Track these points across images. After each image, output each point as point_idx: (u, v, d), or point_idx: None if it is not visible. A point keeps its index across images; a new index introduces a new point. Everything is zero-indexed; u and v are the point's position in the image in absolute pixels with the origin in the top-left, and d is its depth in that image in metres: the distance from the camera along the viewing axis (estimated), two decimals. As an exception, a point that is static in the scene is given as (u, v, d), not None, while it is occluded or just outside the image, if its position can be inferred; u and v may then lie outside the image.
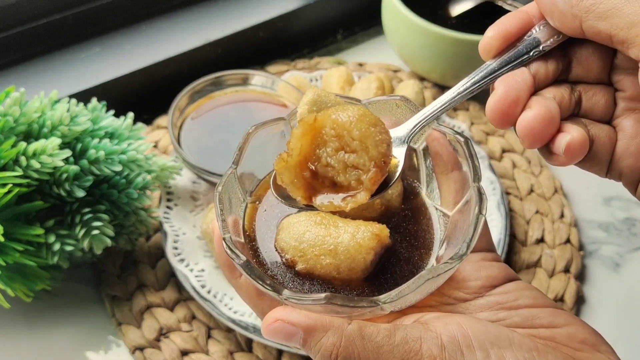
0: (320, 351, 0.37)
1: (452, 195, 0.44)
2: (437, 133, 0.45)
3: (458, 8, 0.96)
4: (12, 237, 0.63)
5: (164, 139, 0.90)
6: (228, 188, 0.43)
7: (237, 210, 0.44)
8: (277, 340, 0.38)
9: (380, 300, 0.36)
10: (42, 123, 0.65)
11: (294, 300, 0.37)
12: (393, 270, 0.42)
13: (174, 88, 0.83)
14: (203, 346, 0.71)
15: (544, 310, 0.41)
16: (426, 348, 0.36)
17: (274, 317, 0.38)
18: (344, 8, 1.09)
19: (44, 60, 0.91)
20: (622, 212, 0.86)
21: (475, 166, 0.41)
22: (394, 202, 0.46)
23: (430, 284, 0.37)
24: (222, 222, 0.40)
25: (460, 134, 0.43)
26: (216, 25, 0.97)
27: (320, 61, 1.03)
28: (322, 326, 0.37)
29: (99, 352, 0.71)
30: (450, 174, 0.44)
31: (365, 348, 0.37)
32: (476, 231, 0.38)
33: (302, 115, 0.44)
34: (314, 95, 0.45)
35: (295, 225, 0.43)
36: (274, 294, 0.37)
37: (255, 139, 0.45)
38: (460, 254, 0.38)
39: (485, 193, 0.40)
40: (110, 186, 0.68)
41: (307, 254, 0.41)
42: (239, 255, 0.38)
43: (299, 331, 0.37)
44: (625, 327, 0.75)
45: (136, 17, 0.97)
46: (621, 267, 0.81)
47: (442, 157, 0.45)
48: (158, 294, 0.74)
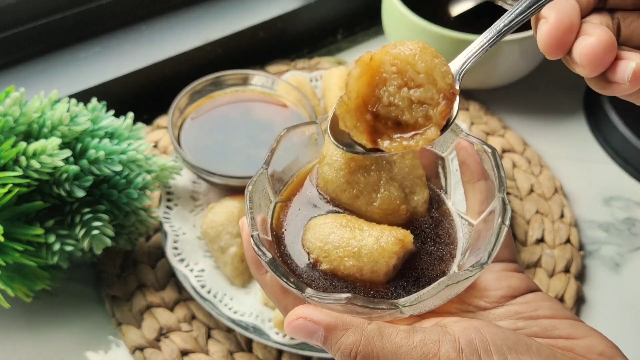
0: (340, 349, 0.38)
1: (477, 205, 0.44)
2: (465, 142, 0.45)
3: (458, 8, 0.96)
4: (12, 237, 0.63)
5: (163, 139, 0.90)
6: (258, 187, 0.43)
7: (266, 209, 0.45)
8: (298, 337, 0.39)
9: (400, 304, 0.37)
10: (42, 123, 0.66)
11: (316, 299, 0.38)
12: (415, 275, 0.43)
13: (174, 88, 0.83)
14: (203, 346, 0.71)
15: (563, 322, 0.41)
16: (444, 351, 0.37)
17: (296, 315, 0.39)
18: (344, 8, 1.08)
19: (44, 60, 0.91)
20: (622, 212, 0.86)
21: (501, 177, 0.42)
22: (420, 208, 0.46)
23: (449, 290, 0.38)
24: (252, 219, 0.41)
25: (487, 145, 0.44)
26: (216, 25, 0.97)
27: (321, 61, 1.03)
28: (342, 325, 0.38)
29: (98, 352, 0.71)
30: (477, 184, 0.45)
31: (384, 347, 0.37)
32: (498, 241, 0.39)
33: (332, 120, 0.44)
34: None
35: (322, 226, 0.43)
36: (297, 292, 0.38)
37: (286, 141, 0.46)
38: (481, 263, 0.38)
39: (509, 204, 0.41)
40: (110, 186, 0.68)
41: (332, 254, 0.42)
42: (266, 252, 0.39)
43: (320, 329, 0.38)
44: (625, 327, 0.75)
45: (136, 17, 0.97)
46: (621, 267, 0.81)
47: (469, 167, 0.45)
48: (158, 294, 0.74)
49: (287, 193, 0.47)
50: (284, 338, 0.67)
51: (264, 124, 0.81)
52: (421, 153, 0.48)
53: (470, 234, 0.45)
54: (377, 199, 0.45)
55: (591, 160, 0.93)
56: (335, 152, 0.45)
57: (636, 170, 0.89)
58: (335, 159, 0.45)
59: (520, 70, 0.93)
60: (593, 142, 0.95)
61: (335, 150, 0.45)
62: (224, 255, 0.72)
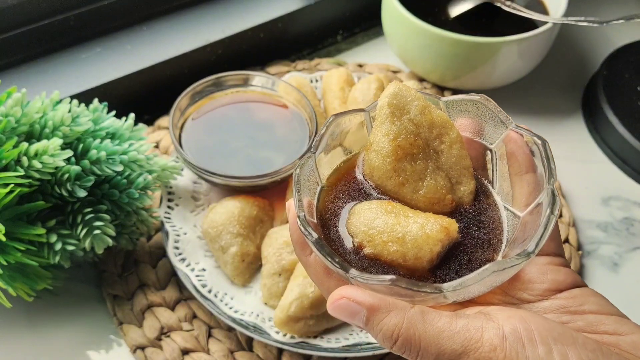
0: (382, 330, 0.38)
1: (524, 197, 0.44)
2: (514, 134, 0.45)
3: (457, 9, 0.96)
4: (13, 236, 0.63)
5: (165, 140, 0.91)
6: (305, 171, 0.44)
7: (312, 193, 0.45)
8: (340, 317, 0.39)
9: (444, 288, 0.37)
10: (43, 123, 0.66)
11: (360, 280, 0.38)
12: (459, 263, 0.43)
13: (175, 89, 0.84)
14: (204, 345, 0.71)
15: (609, 318, 0.40)
16: (487, 337, 0.36)
17: (339, 295, 0.39)
18: (344, 9, 1.09)
19: (45, 61, 0.91)
20: (620, 212, 0.86)
21: (551, 168, 0.42)
22: (466, 199, 0.47)
23: (494, 277, 0.37)
24: (299, 201, 0.41)
25: (537, 136, 0.43)
26: (217, 26, 0.98)
27: (321, 62, 1.04)
28: (385, 307, 0.38)
29: (100, 352, 0.71)
30: (524, 176, 0.44)
31: (426, 331, 0.37)
32: (547, 231, 0.39)
33: (382, 107, 0.45)
34: (395, 88, 0.45)
35: (367, 211, 0.44)
36: (342, 272, 0.38)
37: (334, 127, 0.46)
38: (528, 252, 0.38)
39: (558, 195, 0.40)
40: (112, 186, 0.68)
41: (375, 239, 0.42)
42: (312, 232, 0.39)
43: (362, 310, 0.38)
44: (623, 326, 0.75)
45: (137, 19, 0.97)
46: (620, 267, 0.81)
47: (517, 159, 0.44)
48: (159, 294, 0.75)
49: (334, 178, 0.47)
50: (284, 337, 0.67)
51: (264, 124, 0.81)
52: (469, 144, 0.48)
53: (516, 226, 0.44)
54: (423, 187, 0.45)
55: (590, 161, 0.93)
56: (382, 140, 0.45)
57: (634, 170, 0.90)
58: (382, 146, 0.45)
59: (519, 71, 0.94)
60: (591, 143, 0.95)
61: (382, 137, 0.45)
62: (225, 254, 0.72)
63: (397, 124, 0.45)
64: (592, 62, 1.06)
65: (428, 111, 0.46)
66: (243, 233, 0.73)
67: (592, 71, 1.04)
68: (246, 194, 0.77)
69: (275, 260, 0.71)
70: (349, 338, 0.68)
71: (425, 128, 0.46)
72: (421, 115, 0.46)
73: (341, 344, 0.67)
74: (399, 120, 0.45)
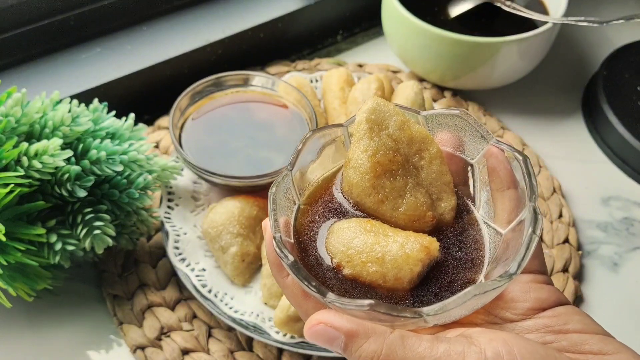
0: (361, 357, 0.37)
1: (506, 214, 0.43)
2: (495, 149, 0.44)
3: (457, 9, 0.96)
4: (13, 236, 0.63)
5: (165, 140, 0.91)
6: (281, 189, 0.43)
7: (289, 211, 0.44)
8: (318, 343, 0.38)
9: (424, 312, 0.36)
10: (43, 123, 0.66)
11: (337, 304, 0.37)
12: (440, 285, 0.42)
13: (175, 89, 0.84)
14: (204, 345, 0.71)
15: (594, 337, 0.40)
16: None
17: (317, 320, 0.38)
18: (344, 9, 1.09)
19: (45, 61, 0.91)
20: (620, 212, 0.86)
21: (533, 185, 0.41)
22: (447, 215, 0.46)
23: (476, 300, 0.36)
24: (274, 221, 0.40)
25: (518, 152, 0.43)
26: (217, 26, 0.98)
27: (321, 62, 1.04)
28: (364, 332, 0.37)
29: (100, 351, 0.71)
30: (506, 192, 0.43)
31: (406, 357, 0.36)
32: (528, 251, 0.38)
33: (360, 122, 0.44)
34: (373, 103, 0.45)
35: (345, 230, 0.43)
36: (319, 296, 0.37)
37: (311, 143, 0.45)
38: (510, 273, 0.37)
39: (541, 213, 0.40)
40: (112, 186, 0.68)
41: (354, 260, 0.41)
42: (288, 255, 0.38)
43: (340, 336, 0.37)
44: (623, 326, 0.75)
45: (137, 19, 0.97)
46: (620, 267, 0.81)
47: (499, 174, 0.44)
48: (159, 294, 0.75)
49: (311, 196, 0.46)
50: (284, 337, 0.67)
51: (264, 124, 0.81)
52: (450, 159, 0.47)
53: (498, 243, 0.43)
54: (402, 205, 0.44)
55: (589, 161, 0.93)
56: (361, 156, 0.44)
57: (634, 170, 0.90)
58: (360, 163, 0.44)
59: (519, 71, 0.94)
60: (591, 143, 0.95)
61: (361, 153, 0.44)
62: (225, 254, 0.72)
63: (375, 139, 0.44)
64: (592, 62, 1.06)
65: (407, 126, 0.45)
66: (243, 233, 0.73)
67: (592, 71, 1.04)
68: (246, 194, 0.77)
69: (275, 260, 0.71)
70: (349, 338, 0.68)
71: (404, 143, 0.45)
72: (400, 131, 0.45)
73: (341, 344, 0.67)
74: (377, 136, 0.44)
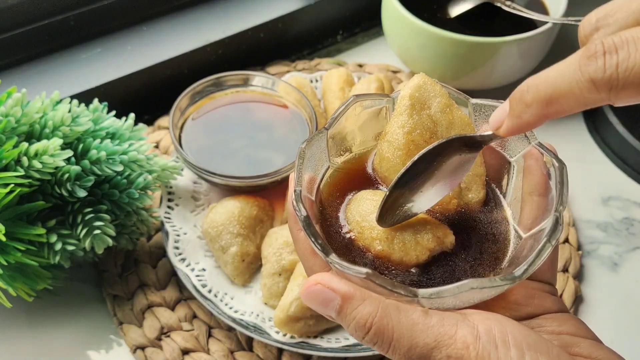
0: (355, 319, 0.37)
1: (530, 219, 0.43)
2: (536, 151, 0.43)
3: (457, 9, 0.96)
4: (13, 236, 0.63)
5: (165, 140, 0.91)
6: (313, 147, 0.43)
7: (317, 170, 0.44)
8: (313, 305, 0.38)
9: (418, 293, 0.36)
10: (43, 123, 0.66)
11: (337, 266, 0.37)
12: (451, 271, 0.42)
13: (175, 89, 0.84)
14: (204, 345, 0.71)
15: (585, 341, 0.40)
16: (461, 334, 0.36)
17: (315, 280, 0.38)
18: (344, 9, 1.09)
19: (45, 61, 0.91)
20: (620, 212, 0.86)
21: (563, 195, 0.40)
22: (473, 207, 0.45)
23: (472, 294, 0.36)
24: (298, 176, 0.40)
25: (558, 159, 0.42)
26: (217, 26, 0.98)
27: (321, 62, 1.04)
28: (360, 295, 0.37)
29: (100, 351, 0.71)
30: (536, 197, 0.43)
31: (400, 322, 0.36)
32: (538, 258, 0.37)
33: (403, 98, 0.44)
34: (419, 80, 0.44)
35: (366, 202, 0.42)
36: (322, 255, 0.37)
37: (353, 110, 0.44)
38: (515, 276, 0.36)
39: (562, 224, 0.39)
40: (112, 186, 0.68)
41: (365, 233, 0.41)
42: (302, 209, 0.39)
43: (336, 297, 0.37)
44: (623, 326, 0.75)
45: (137, 19, 0.97)
46: (619, 267, 0.81)
47: (534, 178, 0.43)
48: (159, 294, 0.75)
49: (346, 162, 0.46)
50: (284, 337, 0.67)
51: (264, 124, 0.81)
52: (490, 153, 0.46)
53: (516, 245, 0.43)
54: None
55: (589, 161, 0.93)
56: (397, 131, 0.44)
57: (634, 170, 0.90)
58: (395, 138, 0.43)
59: (519, 71, 0.94)
60: (591, 143, 0.95)
61: (397, 129, 0.44)
62: (225, 254, 0.72)
63: (414, 117, 0.43)
64: (592, 62, 1.06)
65: (450, 110, 0.44)
66: (243, 233, 0.73)
67: (592, 71, 1.04)
68: (246, 194, 0.77)
69: (275, 260, 0.71)
70: (349, 338, 0.69)
71: (443, 127, 0.44)
72: (441, 113, 0.44)
73: (341, 344, 0.67)
74: (417, 115, 0.44)
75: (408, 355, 0.36)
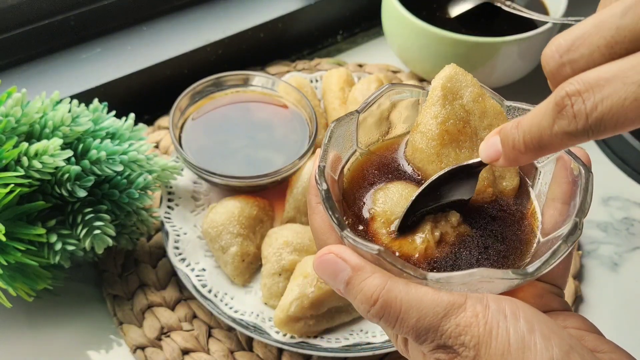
0: (362, 290, 0.37)
1: (551, 224, 0.43)
2: (565, 157, 0.42)
3: (457, 9, 0.96)
4: (13, 236, 0.63)
5: (165, 140, 0.91)
6: (342, 127, 0.43)
7: (344, 152, 0.44)
8: (324, 274, 0.39)
9: (427, 276, 0.36)
10: (43, 123, 0.66)
11: (351, 240, 0.37)
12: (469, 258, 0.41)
13: (175, 89, 0.84)
14: (204, 345, 0.71)
15: (590, 335, 0.40)
16: (470, 303, 0.36)
17: (328, 249, 0.39)
18: (344, 9, 1.09)
19: (45, 61, 0.91)
20: (620, 212, 0.86)
21: (586, 202, 0.40)
22: (507, 194, 0.45)
23: (481, 284, 0.36)
24: (324, 152, 0.41)
25: (585, 166, 0.41)
26: (217, 26, 0.98)
27: (321, 62, 1.04)
28: (370, 268, 0.38)
29: (100, 351, 0.71)
30: (558, 205, 0.43)
31: (408, 294, 0.36)
32: (553, 257, 0.37)
33: (435, 88, 0.44)
34: (451, 71, 0.44)
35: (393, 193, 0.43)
36: (338, 228, 0.38)
37: (385, 98, 0.45)
38: (527, 272, 0.36)
39: (581, 229, 0.39)
40: (112, 186, 0.68)
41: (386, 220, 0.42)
42: (323, 183, 0.39)
43: (347, 268, 0.38)
44: (623, 326, 0.75)
45: (137, 19, 0.97)
46: (620, 267, 0.81)
47: (560, 185, 0.43)
48: (159, 294, 0.75)
49: (375, 149, 0.46)
50: (284, 337, 0.67)
51: (264, 124, 0.81)
52: None
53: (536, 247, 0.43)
54: None
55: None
56: (430, 122, 0.44)
57: (634, 170, 0.90)
58: (429, 129, 0.44)
59: (519, 71, 0.94)
60: (591, 143, 0.95)
61: (431, 119, 0.44)
62: (225, 254, 0.72)
63: (447, 107, 0.43)
64: (592, 62, 1.06)
65: (482, 99, 0.44)
66: (243, 233, 0.73)
67: (592, 71, 1.04)
68: (246, 194, 0.77)
69: (275, 260, 0.71)
70: (349, 338, 0.69)
71: (476, 116, 0.44)
72: (474, 103, 0.44)
73: (341, 344, 0.67)
74: (450, 105, 0.44)
75: (416, 327, 0.36)
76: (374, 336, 0.68)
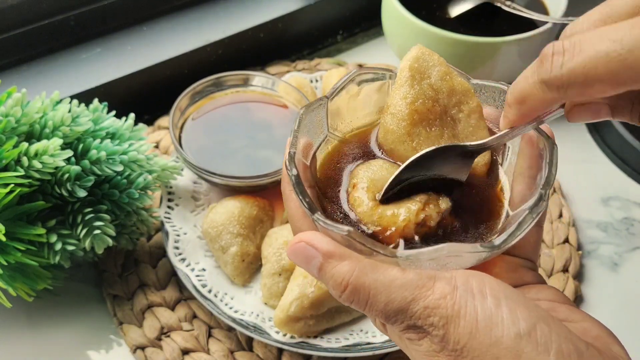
0: (333, 277, 0.38)
1: (518, 198, 0.43)
2: (531, 133, 0.43)
3: (457, 9, 0.96)
4: (13, 236, 0.63)
5: (165, 140, 0.91)
6: (311, 113, 0.43)
7: (314, 138, 0.44)
8: (297, 261, 0.40)
9: (397, 254, 0.36)
10: (43, 123, 0.66)
11: (321, 223, 0.38)
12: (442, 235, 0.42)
13: (175, 89, 0.84)
14: (204, 345, 0.71)
15: (562, 306, 0.41)
16: (438, 285, 0.36)
17: (299, 238, 0.39)
18: (344, 10, 1.09)
19: (45, 61, 0.91)
20: (620, 212, 0.86)
21: (551, 174, 0.40)
22: (479, 170, 0.45)
23: (450, 259, 0.37)
24: (294, 138, 0.41)
25: (548, 138, 0.42)
26: (217, 26, 0.98)
27: (321, 62, 1.04)
28: (340, 255, 0.38)
29: (100, 352, 0.71)
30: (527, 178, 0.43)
31: (377, 279, 0.37)
32: (518, 229, 0.38)
33: (403, 69, 0.44)
34: (417, 52, 0.45)
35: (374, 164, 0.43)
36: (308, 212, 0.38)
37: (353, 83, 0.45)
38: (493, 245, 0.37)
39: (546, 201, 0.39)
40: (112, 186, 0.68)
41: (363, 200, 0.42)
42: (292, 168, 0.39)
43: (318, 255, 0.39)
44: (623, 326, 0.75)
45: (137, 19, 0.97)
46: (619, 267, 0.81)
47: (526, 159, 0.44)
48: (159, 294, 0.75)
49: (347, 134, 0.47)
50: (284, 337, 0.67)
51: (264, 124, 0.81)
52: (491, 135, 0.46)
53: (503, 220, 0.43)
54: None
55: (589, 161, 0.93)
56: (399, 103, 0.44)
57: (634, 170, 0.90)
58: (398, 109, 0.44)
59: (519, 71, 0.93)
60: (591, 143, 0.95)
61: (400, 100, 0.44)
62: (225, 254, 0.72)
63: (416, 87, 0.44)
64: (592, 62, 1.06)
65: (449, 77, 0.45)
66: (243, 233, 0.73)
67: (592, 71, 1.04)
68: (246, 194, 0.77)
69: (275, 260, 0.71)
70: (349, 338, 0.69)
71: (444, 94, 0.45)
72: (442, 81, 0.45)
73: (341, 344, 0.67)
74: (418, 85, 0.44)
75: (385, 311, 0.37)
76: (374, 336, 0.68)
